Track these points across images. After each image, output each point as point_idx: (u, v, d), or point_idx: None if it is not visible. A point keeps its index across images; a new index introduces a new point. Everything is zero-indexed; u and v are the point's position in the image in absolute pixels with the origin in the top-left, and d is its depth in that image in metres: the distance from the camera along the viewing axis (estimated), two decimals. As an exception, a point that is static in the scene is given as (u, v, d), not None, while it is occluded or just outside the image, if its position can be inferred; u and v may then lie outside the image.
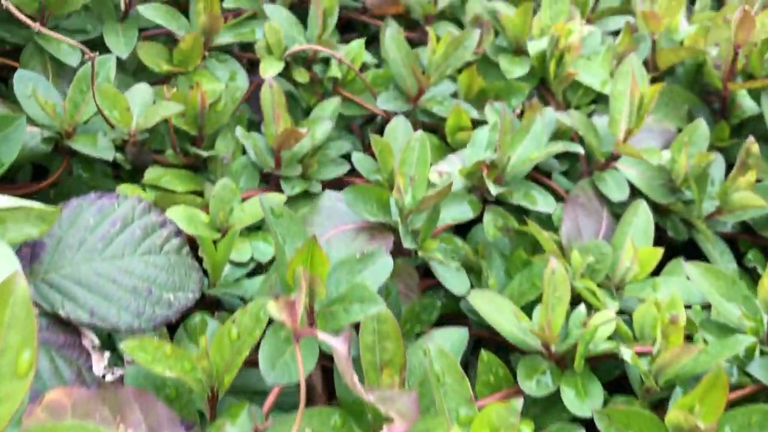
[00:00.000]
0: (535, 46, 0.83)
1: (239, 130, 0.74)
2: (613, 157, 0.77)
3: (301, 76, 0.83)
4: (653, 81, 0.89)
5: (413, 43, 0.96)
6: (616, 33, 1.01)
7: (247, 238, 0.70)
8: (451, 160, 0.69)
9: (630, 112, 0.72)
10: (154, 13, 0.79)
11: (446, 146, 0.81)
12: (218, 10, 0.78)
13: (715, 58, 0.88)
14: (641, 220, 0.69)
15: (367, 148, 0.91)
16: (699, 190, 0.75)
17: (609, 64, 0.86)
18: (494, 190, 0.62)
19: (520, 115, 0.79)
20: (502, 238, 0.69)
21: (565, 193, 0.76)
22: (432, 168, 0.65)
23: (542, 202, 0.65)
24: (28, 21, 0.60)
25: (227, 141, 0.78)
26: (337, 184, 0.81)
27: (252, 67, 0.86)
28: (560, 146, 0.66)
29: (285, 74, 0.83)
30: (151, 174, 0.72)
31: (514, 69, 0.82)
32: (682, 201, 0.79)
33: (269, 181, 0.77)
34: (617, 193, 0.74)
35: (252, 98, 0.84)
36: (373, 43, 1.02)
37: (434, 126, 0.83)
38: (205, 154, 0.74)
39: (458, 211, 0.62)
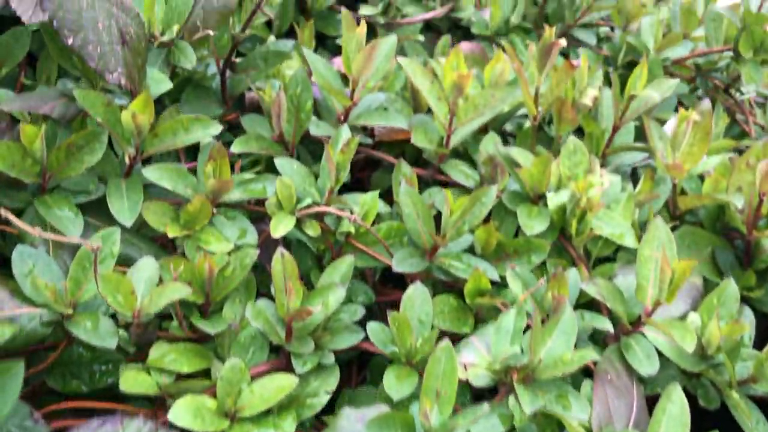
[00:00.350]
0: (554, 200, 0.80)
1: (249, 310, 0.70)
2: (641, 322, 0.74)
3: (313, 229, 0.80)
4: (674, 228, 0.86)
5: (425, 182, 0.93)
6: (630, 165, 0.99)
7: (256, 426, 0.66)
8: (474, 346, 0.66)
9: (660, 286, 0.68)
10: (158, 175, 0.76)
11: (465, 305, 0.78)
12: (228, 174, 0.75)
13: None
14: (676, 407, 0.66)
15: (379, 294, 0.87)
16: (731, 362, 0.71)
17: (630, 213, 0.83)
18: (529, 407, 0.58)
19: (544, 276, 0.75)
20: (529, 424, 0.65)
21: (593, 364, 0.73)
22: (455, 355, 0.61)
23: (576, 407, 0.61)
24: (29, 228, 0.57)
25: (235, 307, 0.74)
26: (350, 351, 0.77)
27: (261, 216, 0.83)
28: (593, 354, 0.62)
29: (296, 225, 0.80)
30: (155, 353, 0.69)
31: (534, 224, 0.79)
32: (713, 365, 0.75)
33: (279, 352, 0.73)
34: (647, 366, 0.71)
35: (262, 248, 0.80)
36: (377, 167, 1.00)
37: (452, 284, 0.80)
38: (212, 331, 0.70)
39: (487, 427, 0.59)
